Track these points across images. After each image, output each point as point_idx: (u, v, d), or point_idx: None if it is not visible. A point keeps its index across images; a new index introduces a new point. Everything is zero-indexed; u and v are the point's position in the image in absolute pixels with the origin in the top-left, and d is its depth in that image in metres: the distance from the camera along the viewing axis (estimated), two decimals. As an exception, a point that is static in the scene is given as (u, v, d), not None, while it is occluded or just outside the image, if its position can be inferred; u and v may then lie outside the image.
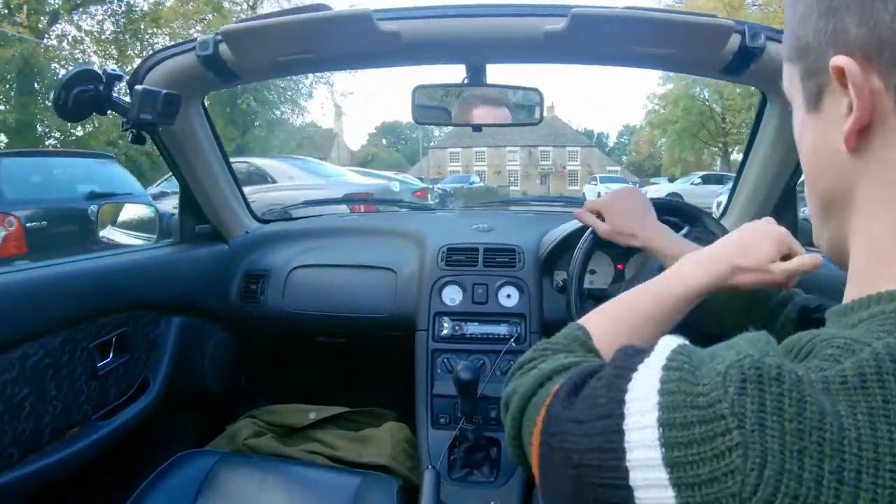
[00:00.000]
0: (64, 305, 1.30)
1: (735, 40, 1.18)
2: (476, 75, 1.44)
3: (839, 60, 0.46)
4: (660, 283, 0.85)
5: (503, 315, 1.71)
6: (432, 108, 1.57)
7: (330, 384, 2.31)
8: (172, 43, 1.38)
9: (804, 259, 0.88)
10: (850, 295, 0.51)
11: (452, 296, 1.74)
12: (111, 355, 1.46)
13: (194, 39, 1.29)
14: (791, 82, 0.57)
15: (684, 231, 1.35)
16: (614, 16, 1.15)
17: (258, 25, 1.20)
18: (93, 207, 5.34)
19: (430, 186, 17.33)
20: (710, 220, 1.39)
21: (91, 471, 1.39)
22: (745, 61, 1.22)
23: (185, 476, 1.42)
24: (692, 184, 23.61)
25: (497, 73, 1.45)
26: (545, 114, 1.60)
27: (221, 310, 1.91)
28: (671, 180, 32.25)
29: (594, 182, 32.72)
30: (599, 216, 1.27)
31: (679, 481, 0.39)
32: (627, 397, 0.45)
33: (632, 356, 0.49)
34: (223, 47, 1.26)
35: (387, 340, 1.89)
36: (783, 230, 0.90)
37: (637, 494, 0.41)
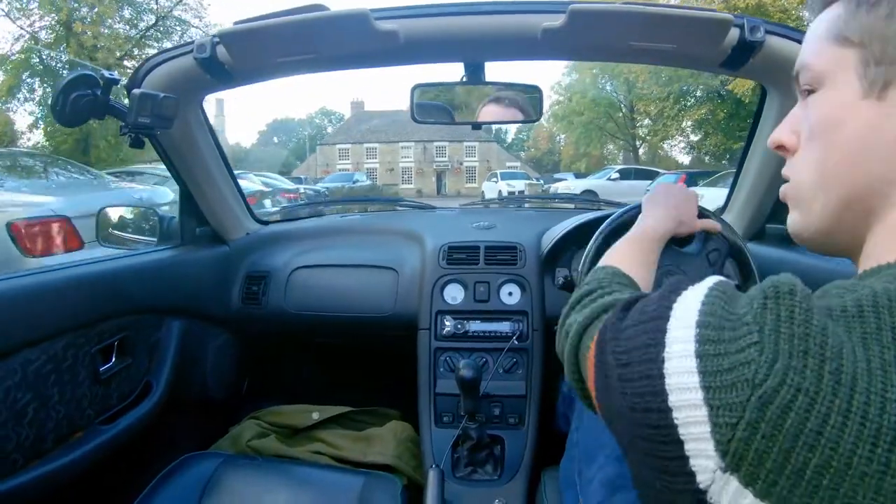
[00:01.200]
0: (65, 310, 1.29)
1: (734, 34, 1.18)
2: (475, 73, 1.43)
3: None
4: (640, 234, 1.08)
5: (505, 313, 1.71)
6: (432, 106, 1.57)
7: (333, 384, 2.31)
8: (170, 46, 1.37)
9: (712, 221, 1.29)
10: (863, 267, 0.57)
11: (454, 294, 1.74)
12: (113, 359, 1.46)
13: (192, 42, 1.29)
14: (837, 64, 0.57)
15: (701, 240, 1.34)
16: (612, 11, 1.15)
17: (255, 27, 1.20)
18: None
19: (299, 188, 16.96)
20: (727, 226, 1.36)
21: (95, 475, 1.39)
22: (744, 55, 1.22)
23: (189, 479, 1.42)
24: (609, 179, 22.00)
25: (492, 71, 1.45)
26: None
27: (223, 312, 1.91)
28: (578, 176, 31.31)
29: (494, 179, 30.64)
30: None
31: (704, 369, 0.46)
32: (674, 306, 0.52)
33: (680, 283, 0.55)
34: (221, 49, 1.26)
35: (389, 340, 1.88)
36: (693, 193, 1.24)
37: (668, 381, 0.47)
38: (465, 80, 1.46)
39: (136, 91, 1.24)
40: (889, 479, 0.39)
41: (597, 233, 1.35)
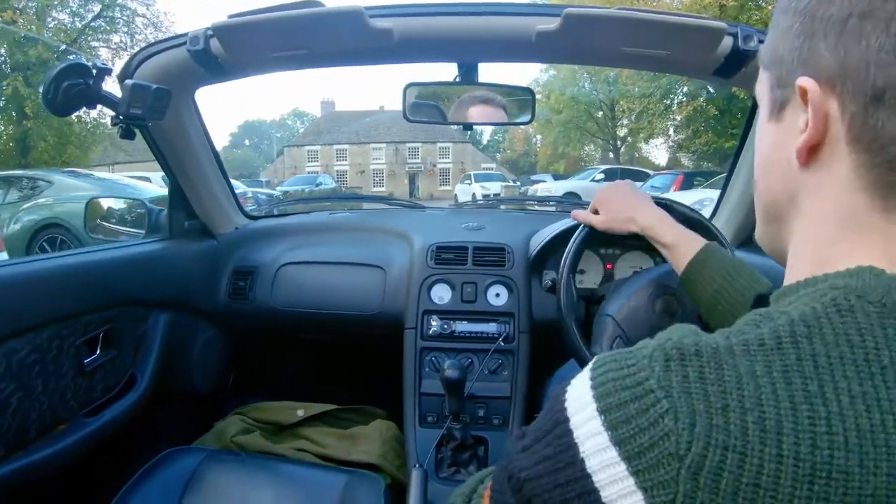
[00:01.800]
0: (51, 301, 1.29)
1: (727, 42, 1.18)
2: (468, 74, 1.44)
3: (804, 81, 0.50)
4: None
5: (492, 314, 1.71)
6: (425, 105, 1.57)
7: (319, 381, 2.31)
8: (164, 37, 1.37)
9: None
10: (786, 282, 0.56)
11: (441, 294, 1.74)
12: (98, 351, 1.45)
13: (186, 34, 1.28)
14: (762, 87, 0.60)
15: None
16: (607, 16, 1.15)
17: (249, 21, 1.19)
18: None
19: (247, 191, 16.58)
20: (715, 229, 1.36)
21: (78, 468, 1.38)
22: (737, 63, 1.23)
23: (172, 473, 1.42)
24: (593, 180, 20.25)
25: (487, 70, 1.45)
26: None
27: (210, 306, 1.90)
28: (557, 177, 29.77)
29: (468, 181, 29.24)
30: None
31: (627, 454, 0.43)
32: (567, 404, 0.49)
33: (563, 384, 0.52)
34: (214, 42, 1.25)
35: (375, 338, 1.88)
36: None
37: (596, 479, 0.45)
38: (458, 80, 1.46)
39: (128, 81, 1.24)
40: None
41: (574, 235, 1.36)
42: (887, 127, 0.46)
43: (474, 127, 1.78)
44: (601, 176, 20.76)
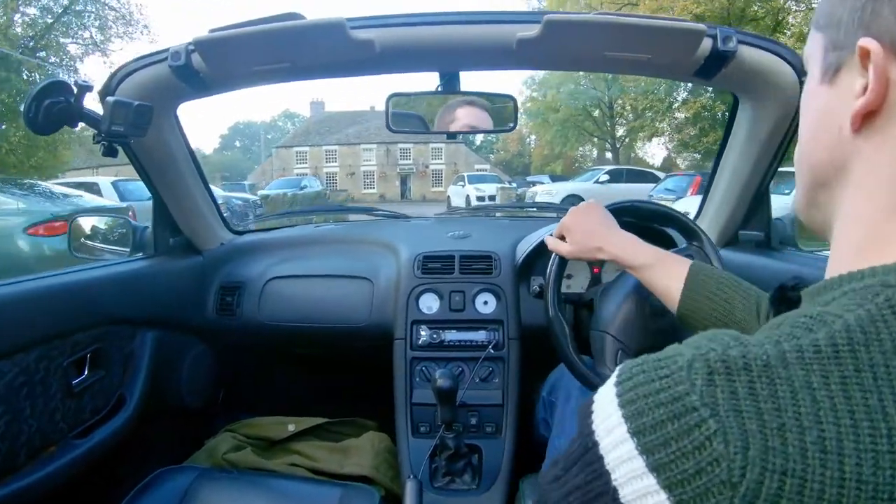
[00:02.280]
0: (38, 322, 1.27)
1: (707, 44, 1.19)
2: (450, 83, 1.44)
3: (867, 42, 0.47)
4: None
5: (481, 322, 1.71)
6: (407, 116, 1.57)
7: (309, 395, 2.30)
8: (145, 53, 1.36)
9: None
10: (829, 274, 0.52)
11: (429, 304, 1.74)
12: (86, 372, 1.43)
13: (167, 50, 1.28)
14: (813, 49, 0.58)
15: (680, 248, 1.36)
16: (587, 22, 1.16)
17: (231, 35, 1.19)
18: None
19: (218, 197, 16.00)
20: (709, 242, 1.37)
21: (69, 490, 1.36)
22: (717, 65, 1.24)
23: (164, 493, 1.40)
24: (597, 182, 19.47)
25: (469, 79, 1.46)
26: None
27: (198, 323, 1.89)
28: (555, 178, 29.10)
29: (461, 182, 27.56)
30: (563, 238, 1.28)
31: (668, 482, 0.39)
32: (594, 426, 0.44)
33: (589, 398, 0.48)
34: (196, 57, 1.25)
35: (365, 350, 1.88)
36: None
37: None
38: (440, 89, 1.46)
39: (109, 98, 1.23)
40: None
41: None
42: None
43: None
44: (606, 177, 19.88)
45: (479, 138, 67.92)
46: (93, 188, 10.55)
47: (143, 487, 1.41)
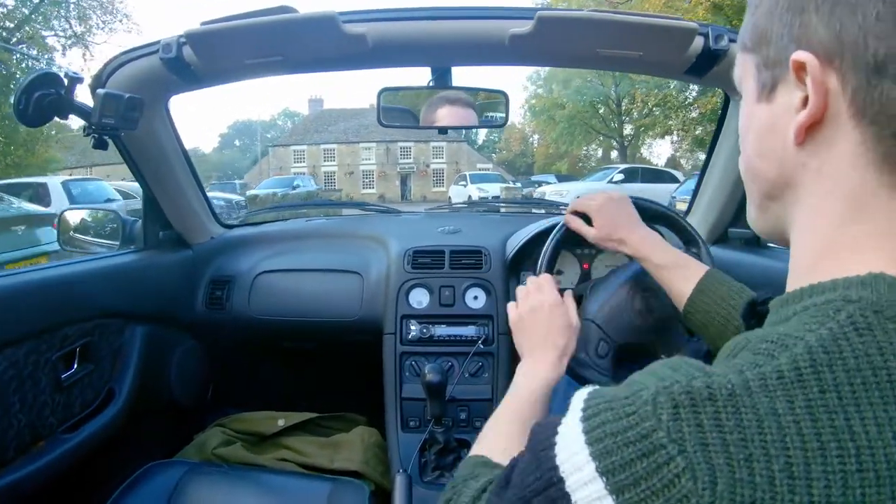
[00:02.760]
0: (26, 315, 1.26)
1: (699, 42, 1.20)
2: (441, 78, 1.44)
3: (801, 55, 0.48)
4: (520, 389, 1.02)
5: (470, 317, 1.71)
6: (398, 110, 1.57)
7: (299, 390, 2.29)
8: (136, 45, 1.35)
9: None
10: (790, 286, 0.53)
11: (419, 298, 1.74)
12: (75, 366, 1.42)
13: (158, 42, 1.27)
14: (744, 71, 0.58)
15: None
16: (580, 18, 1.17)
17: (222, 28, 1.19)
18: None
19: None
20: (706, 250, 1.37)
21: (58, 485, 1.36)
22: (708, 63, 1.24)
23: (153, 487, 1.40)
24: (611, 181, 18.43)
25: (461, 74, 1.46)
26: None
27: (187, 317, 1.88)
28: (561, 178, 28.48)
29: (463, 182, 26.60)
30: (584, 219, 1.28)
31: None
32: (558, 461, 0.45)
33: (546, 426, 0.49)
34: (187, 50, 1.24)
35: (355, 344, 1.88)
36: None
37: None
38: (432, 84, 1.46)
39: (100, 91, 1.22)
40: None
41: (550, 236, 1.36)
42: (893, 97, 0.45)
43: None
44: (620, 176, 19.02)
45: (481, 138, 67.34)
46: (38, 190, 9.75)
47: (132, 482, 1.41)
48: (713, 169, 1.63)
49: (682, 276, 1.13)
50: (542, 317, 1.11)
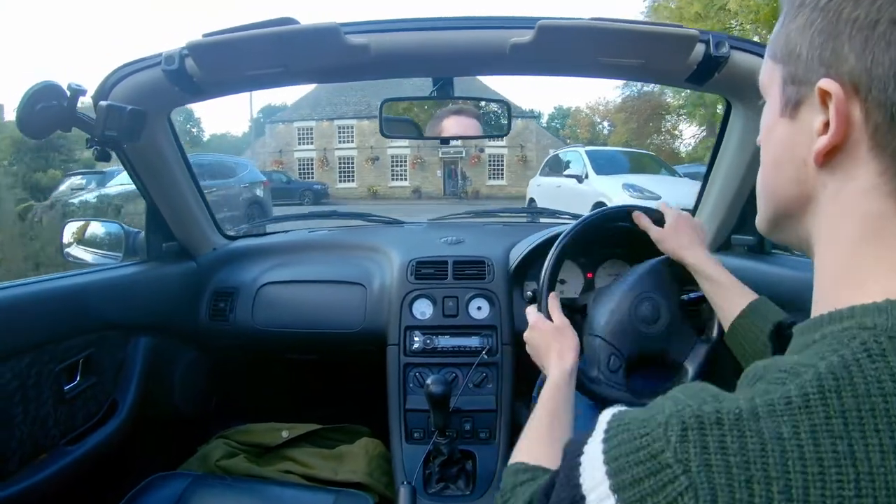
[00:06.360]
0: (30, 327, 1.26)
1: (700, 49, 1.20)
2: (443, 88, 1.45)
3: (828, 85, 0.48)
4: (553, 395, 1.04)
5: (474, 327, 1.71)
6: (400, 121, 1.58)
7: (303, 401, 2.29)
8: (138, 58, 1.36)
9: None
10: (814, 309, 0.54)
11: (423, 309, 1.74)
12: (78, 378, 1.42)
13: (160, 54, 1.28)
14: (770, 79, 0.58)
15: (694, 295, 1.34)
16: (581, 27, 1.17)
17: (225, 40, 1.19)
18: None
19: None
20: None
21: (61, 498, 1.35)
22: (709, 70, 1.24)
23: (156, 500, 1.39)
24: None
25: (463, 81, 1.46)
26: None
27: (190, 329, 1.88)
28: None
29: (570, 173, 11.13)
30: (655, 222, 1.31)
31: None
32: (582, 480, 0.47)
33: (576, 444, 0.51)
34: (189, 62, 1.25)
35: (358, 356, 1.87)
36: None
37: None
38: (434, 94, 1.46)
39: (102, 103, 1.23)
40: None
41: (553, 246, 1.36)
42: None
43: (531, 107, 1.69)
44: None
45: (543, 121, 60.06)
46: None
47: (135, 494, 1.40)
48: (716, 176, 1.62)
49: (728, 296, 1.15)
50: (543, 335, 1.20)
